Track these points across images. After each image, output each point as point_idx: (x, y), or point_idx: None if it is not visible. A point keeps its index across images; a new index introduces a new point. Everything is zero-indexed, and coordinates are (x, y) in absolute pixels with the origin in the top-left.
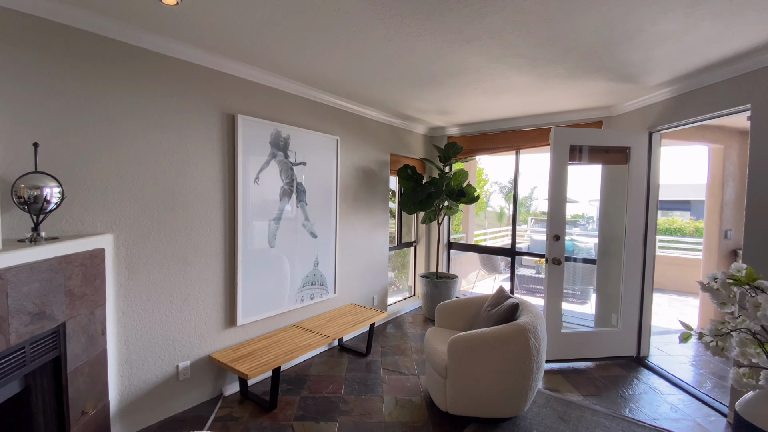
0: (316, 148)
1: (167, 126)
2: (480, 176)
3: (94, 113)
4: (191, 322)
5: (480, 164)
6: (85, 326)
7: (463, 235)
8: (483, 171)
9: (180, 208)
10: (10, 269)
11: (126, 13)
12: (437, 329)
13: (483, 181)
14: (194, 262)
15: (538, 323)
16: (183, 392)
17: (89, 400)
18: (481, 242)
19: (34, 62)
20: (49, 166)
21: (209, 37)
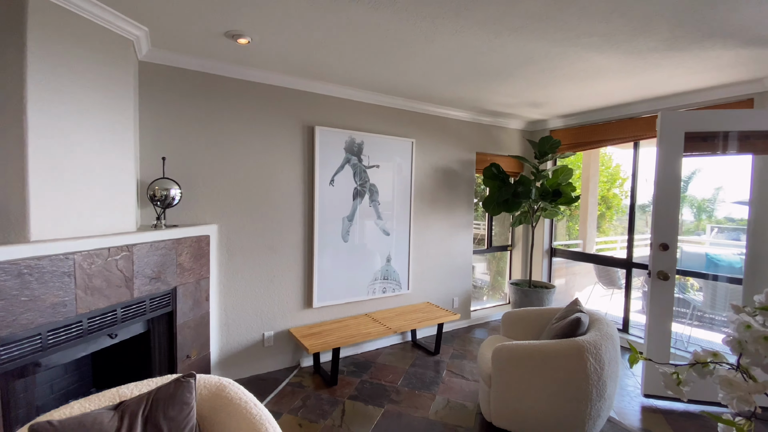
0: (389, 151)
1: (258, 139)
2: (618, 173)
3: (204, 133)
4: (275, 299)
5: (615, 159)
6: (192, 292)
7: (579, 241)
8: (620, 168)
9: (268, 205)
10: (137, 245)
11: (216, 53)
12: (499, 337)
13: (619, 178)
14: (279, 250)
15: (604, 344)
16: (267, 357)
17: (193, 348)
18: (606, 251)
19: (163, 99)
20: (172, 173)
21: (282, 63)
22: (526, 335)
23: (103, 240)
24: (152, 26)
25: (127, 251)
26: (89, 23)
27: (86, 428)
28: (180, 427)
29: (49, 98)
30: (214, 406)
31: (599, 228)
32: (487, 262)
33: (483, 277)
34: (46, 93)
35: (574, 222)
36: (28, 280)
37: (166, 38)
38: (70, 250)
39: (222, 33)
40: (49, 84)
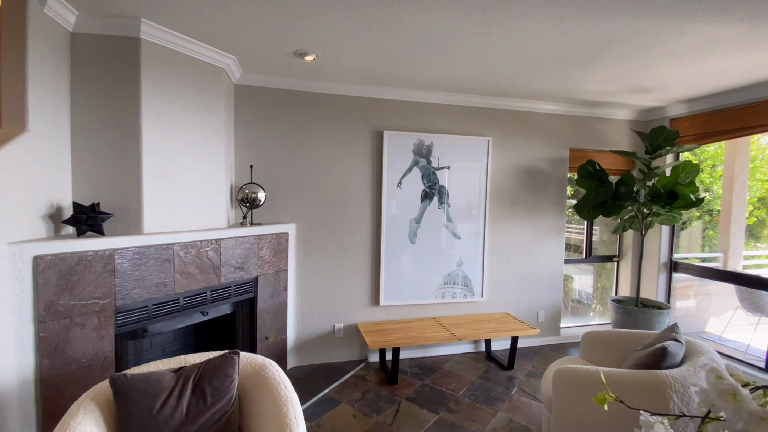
0: (461, 152)
1: (331, 146)
2: None
3: (284, 143)
4: (345, 294)
5: None
6: (272, 282)
7: (719, 254)
8: None
9: (339, 207)
10: (224, 239)
11: (291, 71)
12: (574, 359)
13: None
14: (348, 249)
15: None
16: (336, 347)
17: (272, 331)
18: (765, 267)
19: (252, 115)
20: (259, 179)
21: (348, 74)
22: (609, 360)
23: (196, 234)
24: (238, 54)
25: (216, 244)
26: (187, 57)
27: (150, 383)
28: (220, 395)
29: (157, 121)
30: (255, 382)
31: (758, 237)
32: (595, 274)
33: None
34: (155, 117)
35: (717, 231)
36: (139, 262)
37: (250, 63)
38: (171, 241)
39: (291, 53)
40: (156, 109)
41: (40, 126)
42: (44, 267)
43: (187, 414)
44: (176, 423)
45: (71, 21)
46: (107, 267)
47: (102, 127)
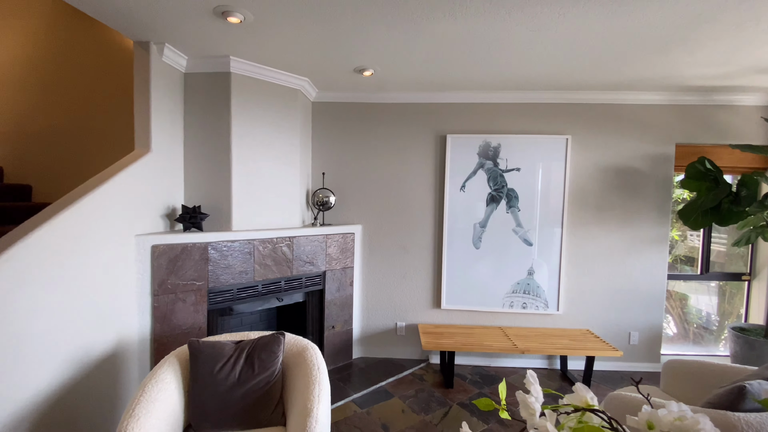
0: (534, 152)
1: (394, 152)
2: None
3: (352, 151)
4: (407, 294)
5: None
6: (338, 277)
7: None
8: None
9: (401, 210)
10: (296, 237)
11: (355, 86)
12: (650, 389)
13: None
14: (410, 251)
15: None
16: (399, 344)
17: (338, 322)
18: None
19: (325, 128)
20: (330, 184)
21: (407, 83)
22: (691, 395)
23: (272, 232)
24: (309, 76)
25: (289, 241)
26: (267, 83)
27: (214, 349)
28: (265, 367)
29: (243, 138)
30: (296, 361)
31: None
32: (722, 295)
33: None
34: (241, 135)
35: None
36: (227, 254)
37: (320, 82)
38: (252, 237)
39: (351, 70)
40: (242, 128)
41: (160, 147)
42: (159, 254)
43: (239, 378)
44: (229, 384)
45: (183, 64)
46: (203, 256)
47: (204, 145)
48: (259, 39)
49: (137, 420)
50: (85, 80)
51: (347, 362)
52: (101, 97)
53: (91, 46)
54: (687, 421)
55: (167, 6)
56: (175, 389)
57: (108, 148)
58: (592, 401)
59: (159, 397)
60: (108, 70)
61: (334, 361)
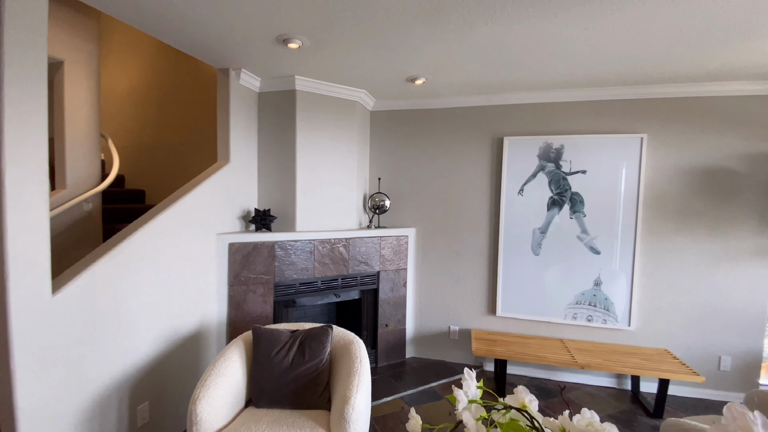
0: (602, 153)
1: (449, 156)
2: None
3: (406, 156)
4: (460, 298)
5: None
6: (392, 278)
7: None
8: None
9: (455, 214)
10: (351, 238)
11: (408, 94)
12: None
13: None
14: (464, 255)
15: None
16: (452, 348)
17: (391, 320)
18: None
19: (381, 135)
20: (386, 189)
21: (460, 87)
22: None
23: (329, 234)
24: (366, 87)
25: (345, 242)
26: (327, 97)
27: (273, 335)
28: (314, 355)
29: (306, 147)
30: (342, 352)
31: None
32: None
33: None
34: (305, 145)
35: None
36: (290, 252)
37: (376, 92)
38: (312, 238)
39: (404, 80)
40: (306, 139)
41: (238, 158)
42: (234, 250)
43: (291, 363)
44: (284, 367)
45: (257, 85)
46: (270, 253)
47: (274, 156)
48: (317, 59)
49: (207, 389)
50: (183, 102)
51: (400, 360)
52: (195, 116)
53: (188, 75)
54: (596, 427)
55: (239, 38)
56: (239, 367)
57: (201, 159)
58: (530, 404)
59: (226, 372)
60: (201, 94)
61: (387, 358)
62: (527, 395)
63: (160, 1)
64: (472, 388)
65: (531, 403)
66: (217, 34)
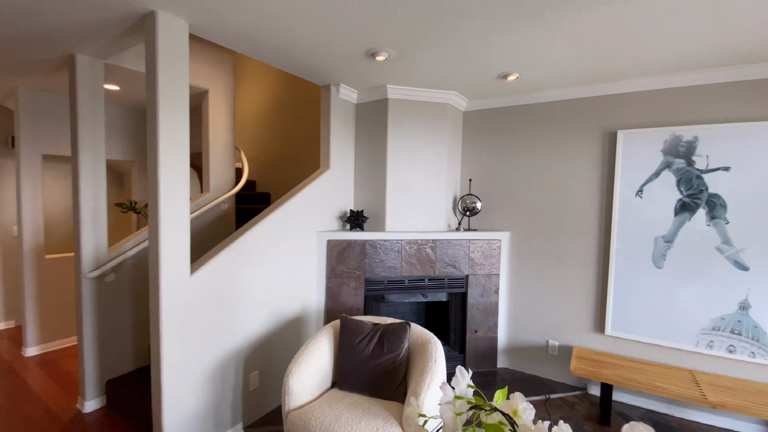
0: (753, 146)
1: (549, 154)
2: None
3: (500, 156)
4: (561, 311)
5: None
6: (482, 283)
7: None
8: None
9: (557, 217)
10: (438, 240)
11: (502, 91)
12: None
13: None
14: (566, 263)
15: None
16: (550, 364)
17: (481, 326)
18: None
19: (473, 135)
20: (476, 190)
21: (559, 78)
22: None
23: (417, 235)
24: (456, 88)
25: (432, 243)
26: (416, 102)
27: (357, 326)
28: (392, 348)
29: (396, 152)
30: (420, 350)
31: None
32: None
33: None
34: (395, 149)
35: None
36: (380, 251)
37: (468, 92)
38: (400, 238)
39: (495, 77)
40: (396, 144)
41: (336, 165)
42: (332, 246)
43: (372, 353)
44: (364, 356)
45: (354, 97)
46: (361, 251)
47: (367, 161)
48: (405, 67)
49: (299, 366)
50: (299, 117)
51: (491, 370)
52: (308, 129)
53: (302, 93)
54: None
55: (334, 56)
56: (327, 351)
57: (314, 166)
58: (523, 412)
59: (316, 353)
60: (312, 109)
61: (476, 365)
62: (522, 403)
63: (266, 34)
64: (461, 385)
65: (525, 411)
66: (315, 55)
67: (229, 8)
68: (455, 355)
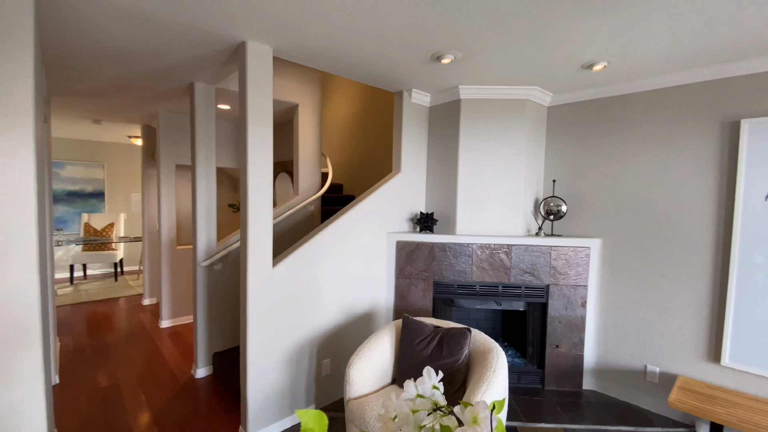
0: None
1: (650, 153)
2: None
3: (591, 155)
4: (664, 333)
5: None
6: (566, 294)
7: None
8: None
9: (661, 224)
10: (514, 245)
11: (588, 83)
12: None
13: None
14: (672, 277)
15: None
16: (646, 393)
17: (563, 341)
18: None
19: (558, 131)
20: (562, 192)
21: (664, 63)
22: None
23: (490, 239)
24: (537, 83)
25: (507, 249)
26: (492, 100)
27: (418, 327)
28: (451, 353)
29: (468, 154)
30: (480, 359)
31: None
32: None
33: None
34: (467, 151)
35: None
36: (449, 254)
37: (550, 86)
38: (470, 242)
39: (579, 68)
40: (468, 144)
41: (408, 168)
42: (401, 247)
43: (430, 355)
44: (422, 357)
45: (427, 101)
46: (430, 253)
47: (439, 163)
48: (476, 67)
49: (360, 359)
50: (378, 124)
51: (575, 390)
52: (386, 135)
53: (381, 102)
54: None
55: (401, 63)
56: (388, 347)
57: (388, 170)
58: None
59: (377, 349)
60: (389, 115)
61: (556, 383)
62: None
63: (336, 50)
64: (427, 386)
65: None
66: (382, 65)
67: (302, 33)
68: (532, 369)
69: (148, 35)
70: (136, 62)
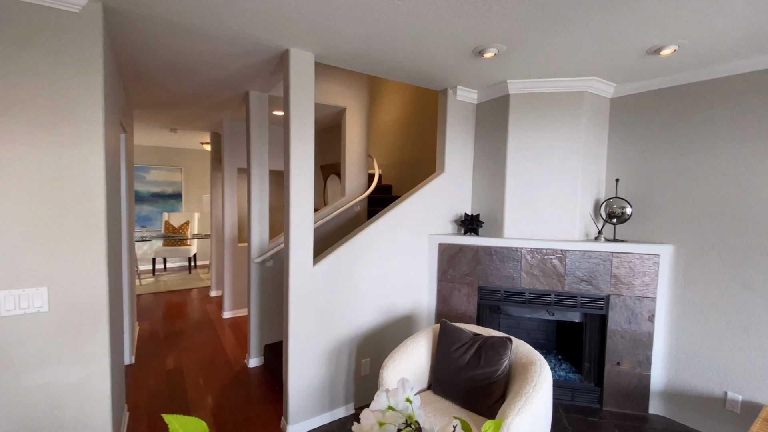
0: None
1: (732, 147)
2: None
3: (661, 151)
4: (749, 356)
5: None
6: (629, 306)
7: None
8: None
9: (746, 228)
10: (569, 251)
11: (655, 71)
12: None
13: None
14: (760, 291)
15: None
16: (727, 423)
17: (625, 358)
18: None
19: (621, 126)
20: (627, 192)
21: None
22: None
23: (540, 243)
24: (596, 72)
25: (560, 254)
26: (543, 94)
27: (456, 333)
28: (489, 363)
29: (518, 151)
30: (521, 371)
31: None
32: None
33: None
34: (516, 148)
35: None
36: (495, 258)
37: (611, 75)
38: (519, 246)
39: (644, 53)
40: (517, 142)
41: (452, 168)
42: (443, 250)
43: (467, 363)
44: (459, 365)
45: (474, 98)
46: (474, 257)
47: (486, 163)
48: (524, 59)
49: (394, 360)
50: (425, 124)
51: (639, 414)
52: (434, 135)
53: (428, 102)
54: None
55: (442, 60)
56: (424, 352)
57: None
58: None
59: (412, 353)
60: (435, 116)
61: (617, 404)
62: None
63: (375, 52)
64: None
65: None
66: (422, 63)
67: (341, 37)
68: (589, 387)
69: (203, 48)
70: (196, 74)
